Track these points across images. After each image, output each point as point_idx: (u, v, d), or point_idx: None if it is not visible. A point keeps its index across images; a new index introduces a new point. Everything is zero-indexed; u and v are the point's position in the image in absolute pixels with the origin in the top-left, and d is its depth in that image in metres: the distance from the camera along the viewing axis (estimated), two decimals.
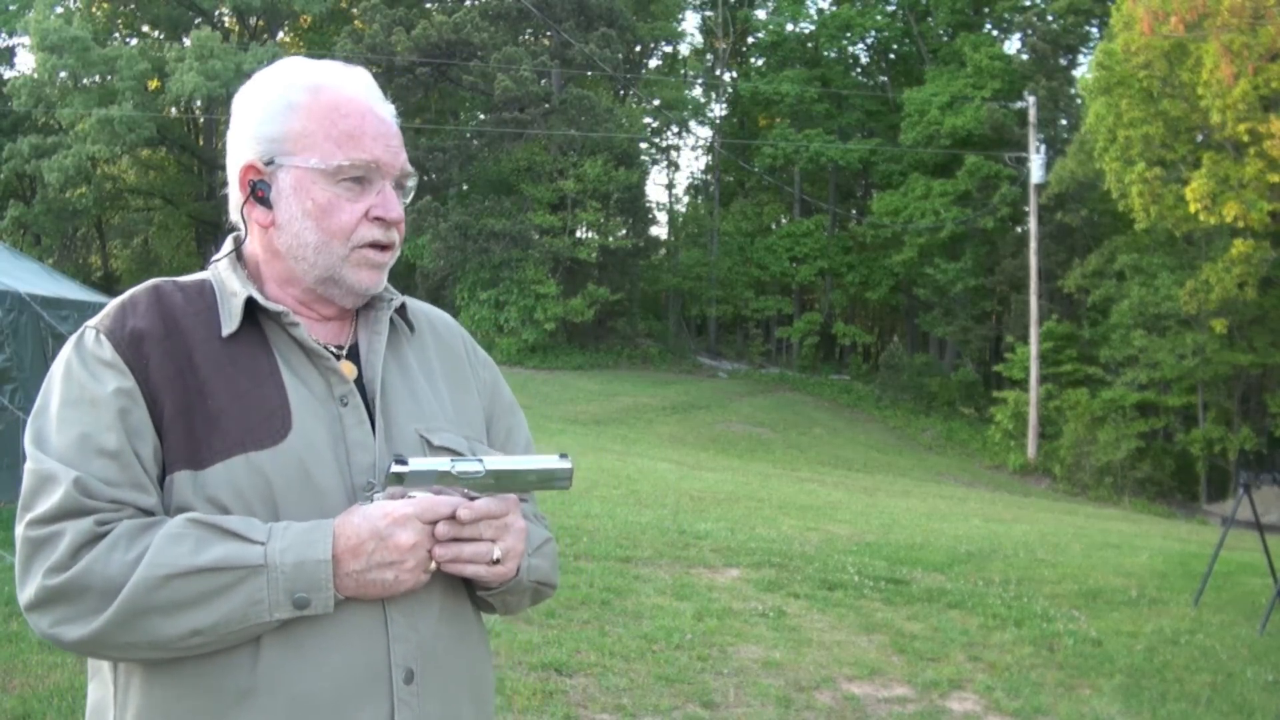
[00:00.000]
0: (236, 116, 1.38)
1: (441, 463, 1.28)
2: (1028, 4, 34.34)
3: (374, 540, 1.24)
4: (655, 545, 8.02)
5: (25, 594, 1.23)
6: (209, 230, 37.68)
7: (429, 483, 1.27)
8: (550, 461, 1.33)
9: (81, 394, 1.27)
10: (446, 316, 1.58)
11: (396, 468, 1.26)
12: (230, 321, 1.32)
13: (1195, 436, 25.47)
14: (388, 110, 1.39)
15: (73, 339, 1.33)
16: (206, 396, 1.28)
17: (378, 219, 1.35)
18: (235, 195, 1.39)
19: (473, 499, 1.29)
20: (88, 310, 9.35)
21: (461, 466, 1.28)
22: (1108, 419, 25.57)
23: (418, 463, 1.27)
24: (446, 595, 1.36)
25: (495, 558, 1.30)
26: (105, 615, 1.18)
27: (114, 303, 1.36)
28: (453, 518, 1.27)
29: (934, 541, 9.62)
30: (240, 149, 1.36)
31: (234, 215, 1.41)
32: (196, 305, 1.34)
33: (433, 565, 1.28)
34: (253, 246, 1.40)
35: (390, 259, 1.39)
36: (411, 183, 1.41)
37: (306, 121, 1.33)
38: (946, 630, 6.18)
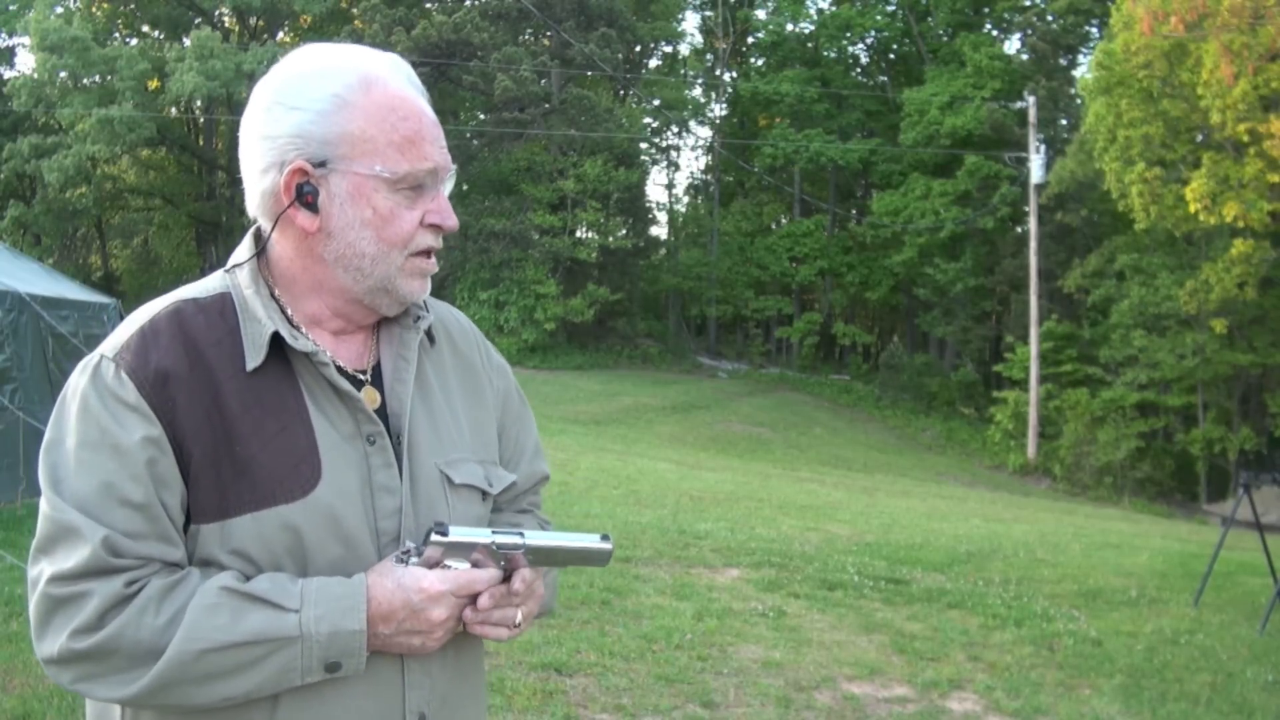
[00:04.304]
0: (268, 109, 1.27)
1: (482, 534, 1.27)
2: (1028, 4, 34.35)
3: (406, 611, 1.22)
4: (655, 545, 8.02)
5: (46, 649, 1.19)
6: (209, 230, 37.66)
7: (467, 554, 1.27)
8: (590, 541, 1.33)
9: (103, 438, 1.20)
10: (461, 317, 1.52)
11: (437, 538, 1.25)
12: (256, 355, 1.25)
13: (1195, 436, 25.48)
14: (427, 101, 1.33)
15: (87, 368, 1.25)
16: (234, 441, 1.22)
17: (433, 226, 1.31)
18: (265, 195, 1.28)
19: (507, 570, 1.29)
20: (88, 310, 9.36)
21: (501, 540, 1.27)
22: (1108, 419, 25.58)
23: (458, 533, 1.26)
24: (458, 641, 1.36)
25: (517, 622, 1.31)
26: (139, 683, 1.15)
27: (132, 330, 1.26)
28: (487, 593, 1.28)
29: (934, 541, 9.62)
30: (278, 146, 1.25)
31: (259, 215, 1.31)
32: (219, 331, 1.26)
33: (458, 628, 1.29)
34: (284, 250, 1.31)
35: (436, 266, 1.35)
36: (452, 179, 1.36)
37: (365, 124, 1.24)
38: (946, 630, 6.18)
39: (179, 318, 1.27)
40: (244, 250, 1.33)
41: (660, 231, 40.77)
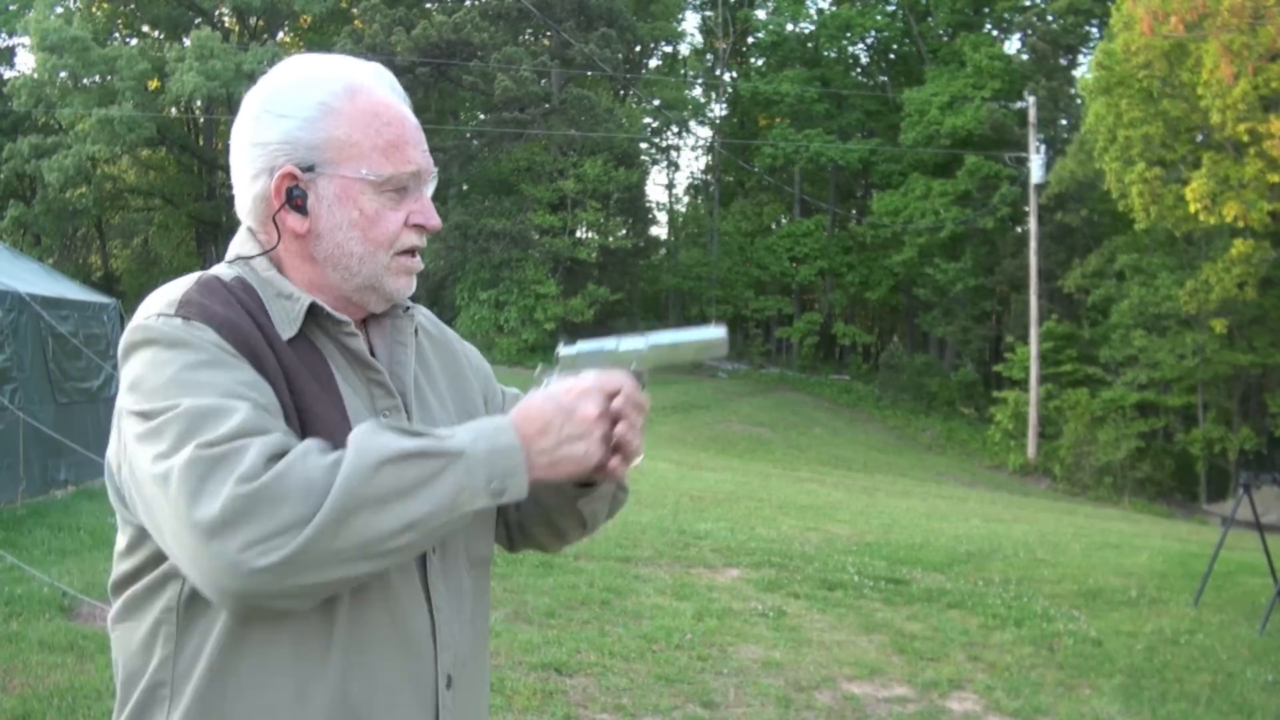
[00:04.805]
0: (258, 118, 1.32)
1: (608, 342, 1.32)
2: (1028, 4, 34.36)
3: (560, 415, 1.24)
4: (655, 545, 8.02)
5: (206, 511, 1.10)
6: (209, 230, 37.65)
7: (597, 363, 1.31)
8: (707, 332, 1.36)
9: (208, 358, 1.19)
10: (428, 312, 1.57)
11: (565, 350, 1.31)
12: (291, 326, 1.28)
13: (1195, 436, 25.49)
14: (409, 107, 1.38)
15: (141, 328, 1.23)
16: (295, 394, 1.25)
17: (417, 226, 1.35)
18: (256, 200, 1.32)
19: (639, 376, 1.31)
20: (88, 310, 9.36)
21: (626, 344, 1.32)
22: (1108, 419, 25.59)
23: (585, 344, 1.32)
24: (476, 602, 1.39)
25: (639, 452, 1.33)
26: (316, 520, 1.10)
27: (177, 294, 1.27)
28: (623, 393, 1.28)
29: (934, 541, 9.62)
30: (268, 152, 1.30)
31: (249, 219, 1.35)
32: (251, 303, 1.29)
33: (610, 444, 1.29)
34: (277, 250, 1.35)
35: (421, 264, 1.39)
36: (434, 182, 1.40)
37: (350, 130, 1.30)
38: (946, 630, 6.18)
39: (220, 283, 1.29)
40: (248, 246, 1.36)
41: (660, 231, 40.83)
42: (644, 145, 37.99)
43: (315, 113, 1.30)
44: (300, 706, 1.22)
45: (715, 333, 1.35)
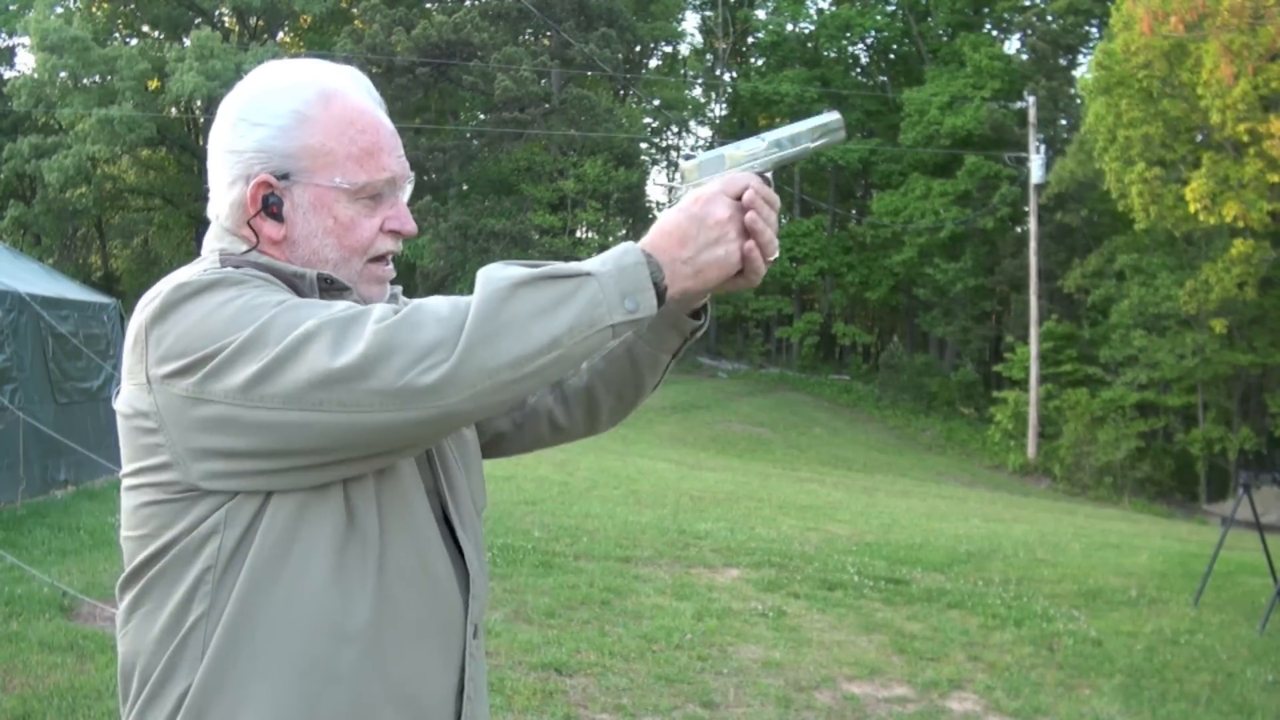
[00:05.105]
0: (234, 125, 1.33)
1: (726, 147, 1.35)
2: (1028, 4, 34.36)
3: (693, 223, 1.27)
4: (655, 545, 8.02)
5: (349, 354, 1.12)
6: (208, 230, 37.58)
7: (720, 168, 1.34)
8: (821, 119, 1.39)
9: (269, 289, 1.22)
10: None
11: (686, 162, 1.34)
12: (312, 291, 1.29)
13: (1195, 436, 25.49)
14: (385, 111, 1.39)
15: (184, 285, 1.21)
16: None
17: (393, 231, 1.36)
18: (233, 206, 1.33)
19: (763, 174, 1.35)
20: (88, 310, 9.37)
21: (745, 145, 1.36)
22: (1108, 419, 25.59)
23: (704, 154, 1.35)
24: (485, 556, 1.43)
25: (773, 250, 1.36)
26: (464, 337, 1.13)
27: (210, 259, 1.31)
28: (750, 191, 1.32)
29: (934, 541, 9.62)
30: (243, 160, 1.31)
31: (227, 223, 1.35)
32: (274, 275, 1.31)
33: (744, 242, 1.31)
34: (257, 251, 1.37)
35: (393, 273, 1.41)
36: (410, 186, 1.41)
37: (324, 138, 1.31)
38: (946, 630, 6.18)
39: (237, 258, 1.32)
40: (232, 242, 1.35)
41: None
42: (644, 145, 38.00)
43: (289, 121, 1.30)
44: (333, 646, 1.22)
45: (829, 116, 1.39)
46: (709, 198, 1.29)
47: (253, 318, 1.17)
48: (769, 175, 1.35)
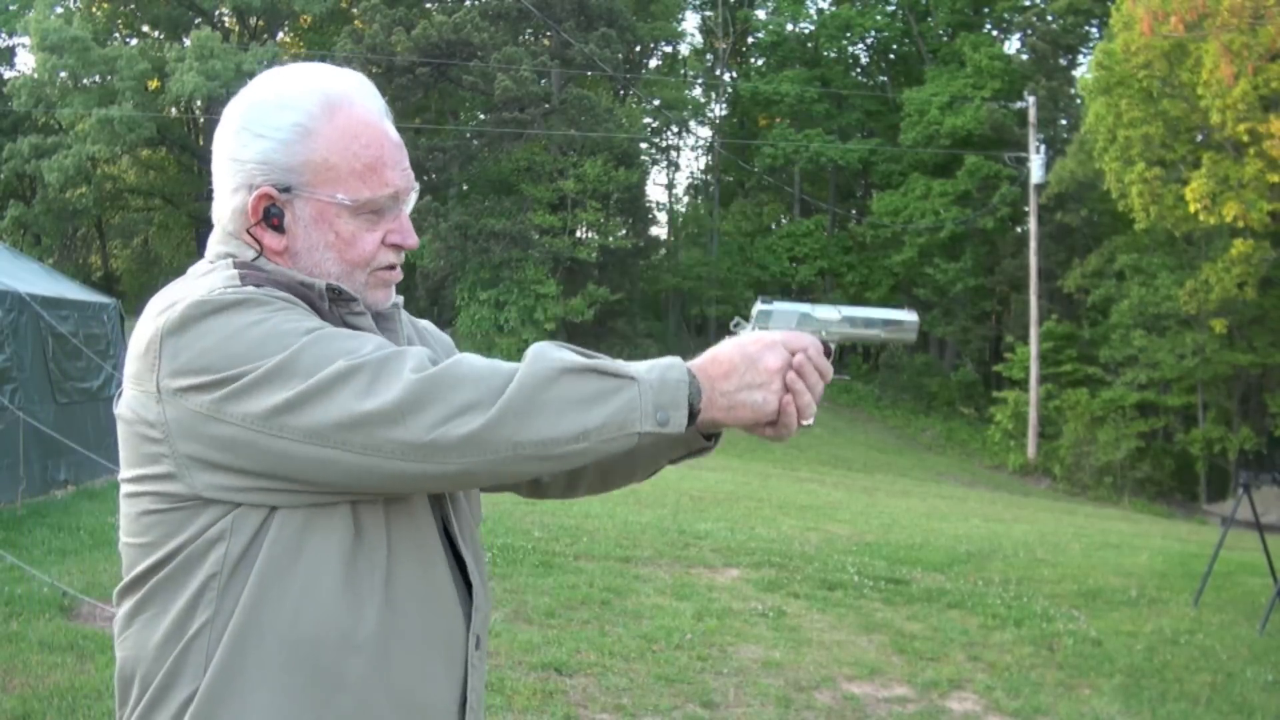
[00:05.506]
0: (237, 134, 1.32)
1: (803, 306, 1.39)
2: (1028, 4, 34.33)
3: (745, 362, 1.29)
4: (655, 545, 8.02)
5: (381, 399, 1.13)
6: (209, 230, 36.81)
7: (789, 324, 1.38)
8: (900, 313, 1.42)
9: (297, 313, 1.22)
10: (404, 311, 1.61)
11: (762, 306, 1.38)
12: (321, 301, 1.30)
13: (1195, 436, 25.48)
14: (391, 122, 1.37)
15: (202, 302, 1.19)
16: None
17: (395, 245, 1.36)
18: (236, 212, 1.33)
19: (826, 343, 1.36)
20: (88, 310, 9.37)
21: (820, 311, 1.39)
22: (1108, 419, 25.59)
23: (780, 304, 1.38)
24: (486, 569, 1.44)
25: (812, 413, 1.37)
26: (500, 404, 1.15)
27: (228, 272, 1.28)
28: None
29: (934, 541, 9.62)
30: (246, 170, 1.31)
31: (230, 228, 1.35)
32: (290, 283, 1.31)
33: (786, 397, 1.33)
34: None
35: (400, 275, 1.41)
36: (414, 196, 1.40)
37: (327, 153, 1.29)
38: (946, 630, 6.18)
39: (253, 266, 1.31)
40: (238, 247, 1.34)
41: (660, 231, 40.74)
42: (644, 145, 37.96)
43: (291, 135, 1.29)
44: (340, 655, 1.22)
45: (908, 316, 1.41)
46: (768, 343, 1.30)
47: (281, 345, 1.17)
48: (832, 346, 1.36)
